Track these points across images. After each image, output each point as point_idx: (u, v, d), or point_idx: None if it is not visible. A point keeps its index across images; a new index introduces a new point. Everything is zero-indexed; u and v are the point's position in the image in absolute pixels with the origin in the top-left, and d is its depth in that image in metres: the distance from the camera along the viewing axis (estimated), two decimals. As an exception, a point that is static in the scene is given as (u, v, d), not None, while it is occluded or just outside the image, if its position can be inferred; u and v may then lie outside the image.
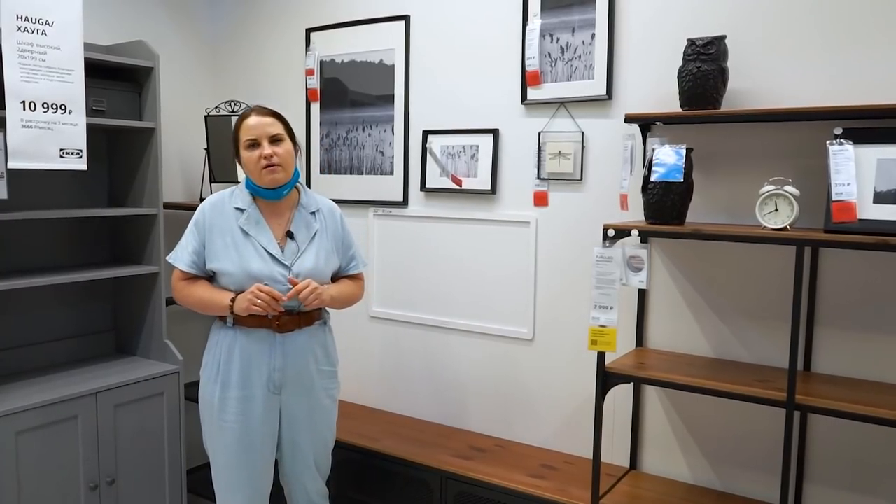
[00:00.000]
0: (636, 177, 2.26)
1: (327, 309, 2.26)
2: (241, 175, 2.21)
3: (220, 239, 2.10)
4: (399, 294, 3.02)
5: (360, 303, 3.06)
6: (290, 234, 2.13)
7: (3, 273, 2.59)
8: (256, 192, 2.13)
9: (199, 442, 3.45)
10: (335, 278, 2.27)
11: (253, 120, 2.10)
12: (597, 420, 2.15)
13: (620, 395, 2.46)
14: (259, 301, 1.99)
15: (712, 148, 2.26)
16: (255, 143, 2.08)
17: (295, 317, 2.11)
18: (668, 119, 2.21)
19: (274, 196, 2.13)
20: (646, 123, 2.28)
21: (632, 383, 2.33)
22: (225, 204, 2.15)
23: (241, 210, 2.12)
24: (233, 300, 2.05)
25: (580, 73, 2.48)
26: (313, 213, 2.20)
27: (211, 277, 2.16)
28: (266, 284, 2.03)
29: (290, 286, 2.05)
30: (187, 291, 2.15)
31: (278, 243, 2.12)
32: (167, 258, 2.22)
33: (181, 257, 2.14)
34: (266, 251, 2.09)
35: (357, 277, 2.34)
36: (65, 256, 2.87)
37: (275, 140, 2.09)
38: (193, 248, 2.13)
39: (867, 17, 2.02)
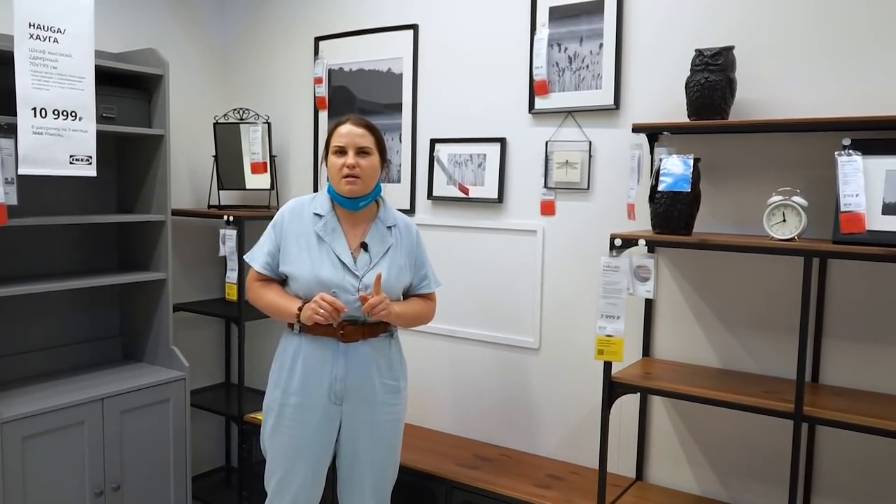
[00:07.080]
0: (643, 186, 2.26)
1: None
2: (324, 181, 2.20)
3: (295, 243, 2.13)
4: (405, 302, 3.02)
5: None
6: (364, 246, 2.13)
7: (11, 278, 2.61)
8: (335, 199, 2.16)
9: (205, 448, 3.49)
10: (405, 296, 2.24)
11: (346, 128, 2.13)
12: (603, 430, 2.14)
13: (627, 405, 2.45)
14: (321, 311, 1.99)
15: (720, 158, 2.26)
16: (342, 151, 2.12)
17: (360, 327, 2.09)
18: (675, 129, 2.21)
19: (350, 206, 2.14)
20: (653, 133, 2.28)
21: (638, 393, 2.32)
22: (304, 209, 2.18)
23: (320, 216, 2.15)
24: (300, 308, 2.06)
25: (588, 83, 2.49)
26: (389, 227, 2.19)
27: (285, 281, 2.19)
28: (333, 292, 2.04)
29: (357, 296, 2.04)
30: (259, 293, 2.18)
31: (352, 253, 2.12)
32: (244, 257, 2.24)
33: (257, 257, 2.18)
34: (339, 259, 2.09)
35: (428, 297, 2.30)
36: (73, 262, 2.88)
37: (362, 152, 2.11)
38: (268, 250, 2.16)
39: (876, 28, 2.02)
